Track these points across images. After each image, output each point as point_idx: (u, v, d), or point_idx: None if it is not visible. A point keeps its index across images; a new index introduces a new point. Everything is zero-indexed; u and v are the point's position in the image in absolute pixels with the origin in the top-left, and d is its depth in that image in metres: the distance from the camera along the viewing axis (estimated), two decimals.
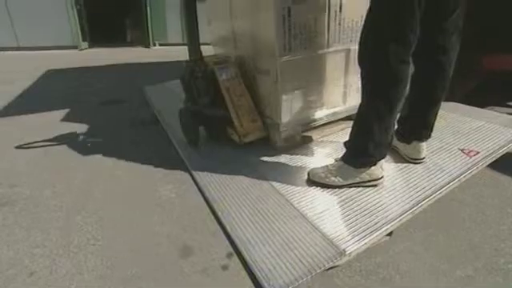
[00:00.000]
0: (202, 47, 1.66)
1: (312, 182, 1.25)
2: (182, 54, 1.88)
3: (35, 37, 6.71)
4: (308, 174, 1.28)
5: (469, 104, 2.03)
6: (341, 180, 1.19)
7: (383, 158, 1.18)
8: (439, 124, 1.69)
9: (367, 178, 1.18)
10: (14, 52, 6.46)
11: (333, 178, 1.20)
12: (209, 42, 2.10)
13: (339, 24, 1.50)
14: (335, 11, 1.46)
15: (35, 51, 6.56)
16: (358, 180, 1.18)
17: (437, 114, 1.29)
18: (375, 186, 1.19)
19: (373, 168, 1.17)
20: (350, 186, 1.19)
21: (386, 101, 1.06)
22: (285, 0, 1.28)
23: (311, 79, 1.53)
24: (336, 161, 1.28)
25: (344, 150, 1.23)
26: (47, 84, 3.69)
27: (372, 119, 1.09)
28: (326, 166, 1.26)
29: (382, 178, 1.19)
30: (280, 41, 1.33)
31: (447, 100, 2.18)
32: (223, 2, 1.73)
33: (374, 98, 1.08)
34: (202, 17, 1.89)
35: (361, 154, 1.16)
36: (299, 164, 1.44)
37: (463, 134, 1.61)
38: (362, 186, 1.19)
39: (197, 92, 1.55)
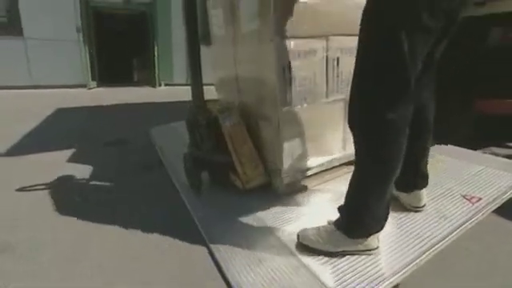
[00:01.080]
0: (207, 88, 1.72)
1: (302, 245, 1.16)
2: (186, 94, 1.95)
3: (48, 76, 7.02)
4: (298, 236, 1.18)
5: (466, 146, 2.07)
6: (332, 247, 1.11)
7: (381, 230, 1.10)
8: (439, 168, 1.73)
9: (361, 248, 1.09)
10: (27, 90, 6.71)
11: (324, 244, 1.12)
12: (213, 83, 2.21)
13: (337, 76, 1.59)
14: (333, 65, 1.56)
15: (47, 89, 6.82)
16: (350, 249, 1.10)
17: (427, 162, 1.30)
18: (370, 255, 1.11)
19: (368, 239, 1.09)
20: (341, 254, 1.11)
21: (383, 171, 0.99)
22: (285, 55, 1.37)
23: (312, 127, 1.58)
24: (329, 223, 1.19)
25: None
26: (56, 123, 3.80)
27: (368, 189, 1.03)
28: (318, 228, 1.16)
29: (377, 248, 1.11)
30: (281, 93, 1.41)
31: (444, 143, 2.25)
32: (227, 51, 1.84)
33: (371, 164, 1.01)
34: (208, 59, 2.00)
35: (356, 225, 1.08)
36: (301, 212, 1.45)
37: (464, 180, 1.62)
38: (355, 255, 1.11)
39: (200, 138, 1.60)
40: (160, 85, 7.56)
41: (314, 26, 1.42)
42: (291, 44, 1.36)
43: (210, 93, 1.84)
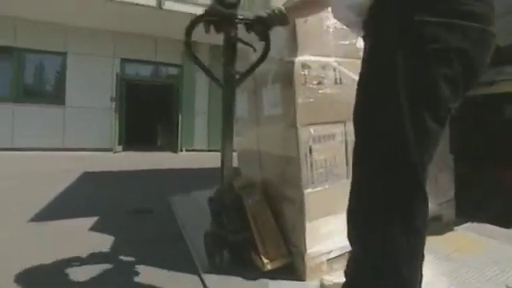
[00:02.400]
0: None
1: None
2: (207, 160, 2.04)
3: (79, 139, 7.54)
4: None
5: (497, 223, 1.97)
6: None
7: None
8: (474, 251, 1.63)
9: None
10: (58, 152, 7.15)
11: None
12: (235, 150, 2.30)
13: None
14: (351, 147, 1.63)
15: (76, 152, 7.25)
16: None
17: None
18: None
19: None
20: None
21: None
22: (307, 140, 1.47)
23: (335, 207, 1.59)
24: None
25: None
26: (82, 187, 3.96)
27: None
28: None
29: None
30: (304, 175, 1.46)
31: (473, 220, 2.16)
32: (251, 128, 1.97)
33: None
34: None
35: None
36: None
37: (506, 266, 1.48)
38: None
39: (227, 219, 1.63)
40: (181, 150, 7.89)
41: (332, 113, 1.54)
42: (312, 130, 1.46)
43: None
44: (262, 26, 1.33)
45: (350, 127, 1.63)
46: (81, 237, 2.35)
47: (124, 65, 8.20)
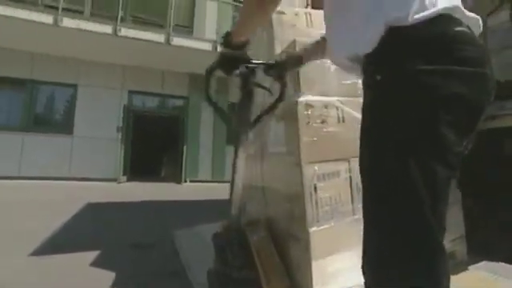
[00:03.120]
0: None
1: None
2: (210, 191, 2.03)
3: (84, 169, 7.59)
4: None
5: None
6: None
7: None
8: None
9: None
10: (63, 181, 7.18)
11: None
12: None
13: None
14: (357, 183, 1.64)
15: (80, 181, 7.28)
16: None
17: None
18: None
19: None
20: None
21: None
22: (311, 178, 1.48)
23: (341, 245, 1.58)
24: None
25: None
26: (85, 219, 3.94)
27: None
28: None
29: None
30: (309, 214, 1.47)
31: (489, 259, 2.10)
32: (255, 164, 1.99)
33: None
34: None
35: None
36: None
37: None
38: None
39: (231, 256, 1.61)
40: (185, 181, 7.89)
41: (336, 151, 1.57)
42: (316, 168, 1.49)
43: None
44: (279, 69, 1.35)
45: (354, 164, 1.66)
46: (84, 272, 2.31)
47: (131, 96, 8.45)
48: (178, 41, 7.43)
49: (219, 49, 7.61)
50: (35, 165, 7.28)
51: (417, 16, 0.74)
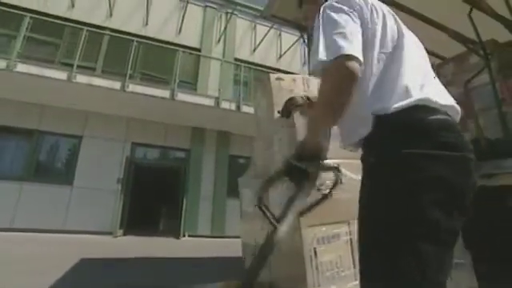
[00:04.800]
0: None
1: None
2: (209, 247, 1.96)
3: (80, 222, 7.41)
4: None
5: None
6: None
7: None
8: None
9: None
10: (57, 234, 6.96)
11: None
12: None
13: None
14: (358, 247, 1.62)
15: (75, 234, 7.06)
16: None
17: None
18: None
19: None
20: None
21: None
22: (311, 242, 1.48)
23: None
24: None
25: None
26: (77, 278, 3.75)
27: None
28: None
29: None
30: (309, 279, 1.43)
31: None
32: (257, 225, 1.98)
33: None
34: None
35: None
36: None
37: None
38: None
39: None
40: (184, 235, 7.66)
41: (335, 214, 1.58)
42: (316, 231, 1.49)
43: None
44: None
45: (355, 226, 1.65)
46: None
47: (134, 148, 8.59)
48: (182, 96, 7.79)
49: (221, 105, 7.98)
50: (29, 216, 7.13)
51: (396, 105, 0.85)
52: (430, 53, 3.66)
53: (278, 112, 1.52)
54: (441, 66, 3.13)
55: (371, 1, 1.00)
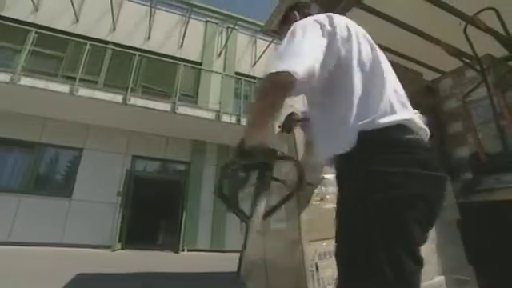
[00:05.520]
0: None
1: None
2: (209, 262, 1.92)
3: (78, 235, 7.32)
4: None
5: None
6: None
7: None
8: None
9: None
10: (54, 248, 6.86)
11: None
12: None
13: None
14: None
15: (73, 248, 6.96)
16: None
17: None
18: None
19: None
20: None
21: None
22: (312, 257, 1.46)
23: None
24: None
25: None
26: None
27: None
28: None
29: None
30: None
31: None
32: (257, 240, 1.96)
33: None
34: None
35: None
36: None
37: None
38: None
39: None
40: (183, 250, 7.57)
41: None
42: (317, 246, 1.48)
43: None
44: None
45: None
46: None
47: (135, 161, 8.59)
48: (183, 109, 7.85)
49: (222, 118, 8.03)
50: (27, 229, 7.05)
51: (380, 122, 0.88)
52: (428, 67, 3.71)
53: (279, 127, 1.55)
54: (439, 80, 3.17)
55: (347, 22, 1.04)
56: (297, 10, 1.28)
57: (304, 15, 1.19)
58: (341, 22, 1.02)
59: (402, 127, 0.89)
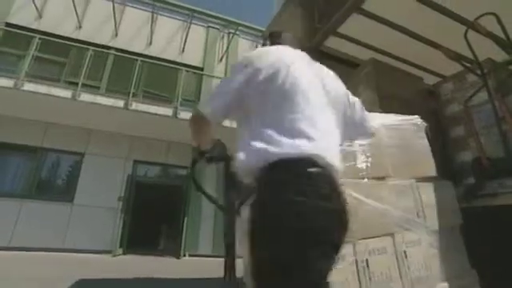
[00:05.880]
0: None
1: None
2: (210, 267, 1.90)
3: (80, 240, 7.30)
4: None
5: None
6: None
7: None
8: None
9: None
10: (55, 253, 6.84)
11: None
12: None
13: (369, 278, 1.59)
14: (363, 267, 1.59)
15: (74, 253, 6.94)
16: None
17: None
18: None
19: None
20: None
21: None
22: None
23: None
24: None
25: None
26: None
27: None
28: None
29: None
30: None
31: None
32: None
33: None
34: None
35: None
36: None
37: None
38: None
39: None
40: (184, 255, 7.53)
41: None
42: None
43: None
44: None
45: (360, 247, 1.63)
46: None
47: (136, 166, 8.60)
48: (184, 114, 7.87)
49: (224, 123, 7.99)
50: (28, 235, 7.03)
51: (288, 151, 0.93)
52: (428, 71, 3.71)
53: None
54: (440, 84, 3.17)
55: (279, 58, 1.11)
56: (269, 40, 1.40)
57: (274, 44, 1.32)
58: (269, 59, 1.11)
59: (306, 160, 0.93)
